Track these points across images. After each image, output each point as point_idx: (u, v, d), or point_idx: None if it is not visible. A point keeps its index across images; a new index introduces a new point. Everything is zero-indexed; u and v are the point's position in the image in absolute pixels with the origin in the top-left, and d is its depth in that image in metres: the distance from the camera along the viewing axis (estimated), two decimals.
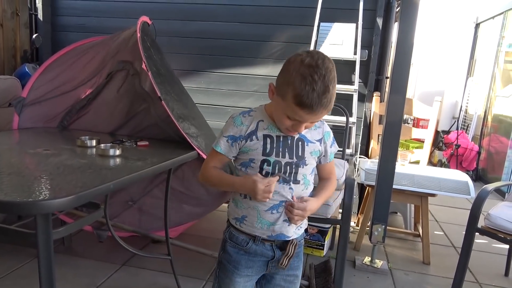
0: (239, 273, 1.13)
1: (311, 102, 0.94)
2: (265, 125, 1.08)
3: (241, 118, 1.08)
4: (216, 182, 1.14)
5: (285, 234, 1.10)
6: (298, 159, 1.08)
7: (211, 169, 1.13)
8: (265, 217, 1.08)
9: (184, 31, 3.19)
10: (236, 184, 1.09)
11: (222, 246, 1.18)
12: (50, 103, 2.27)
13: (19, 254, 2.25)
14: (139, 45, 1.93)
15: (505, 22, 5.13)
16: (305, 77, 0.93)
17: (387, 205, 2.26)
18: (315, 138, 1.12)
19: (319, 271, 2.19)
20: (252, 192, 1.03)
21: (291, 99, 0.96)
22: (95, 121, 2.26)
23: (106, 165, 1.53)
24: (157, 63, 2.12)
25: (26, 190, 1.17)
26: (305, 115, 0.97)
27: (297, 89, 0.94)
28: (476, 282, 2.36)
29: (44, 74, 2.30)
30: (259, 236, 1.10)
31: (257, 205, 1.08)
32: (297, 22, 2.96)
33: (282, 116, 1.01)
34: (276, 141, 1.07)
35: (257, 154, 1.06)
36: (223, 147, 1.10)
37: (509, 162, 4.38)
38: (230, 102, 3.18)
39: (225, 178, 1.12)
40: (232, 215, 1.14)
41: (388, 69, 3.09)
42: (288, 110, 0.99)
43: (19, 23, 3.42)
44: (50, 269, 1.16)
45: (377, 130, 2.99)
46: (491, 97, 5.23)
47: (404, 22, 2.10)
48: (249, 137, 1.07)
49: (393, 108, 2.16)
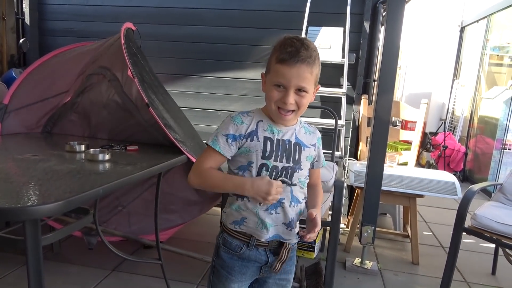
0: (233, 279, 1.13)
1: (290, 54, 0.99)
2: (265, 125, 1.08)
3: (241, 117, 1.08)
4: (217, 183, 1.09)
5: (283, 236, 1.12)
6: (294, 163, 1.08)
7: (210, 170, 1.08)
8: (265, 218, 1.08)
9: (173, 35, 3.19)
10: (247, 184, 1.04)
11: (215, 251, 1.17)
12: (33, 110, 2.25)
13: (7, 262, 2.21)
14: (124, 51, 1.91)
15: (489, 25, 5.24)
16: (283, 42, 1.03)
17: (376, 207, 2.29)
18: (311, 142, 1.13)
19: (310, 273, 2.20)
20: (266, 193, 1.02)
21: (273, 63, 1.03)
22: (78, 127, 2.24)
23: (95, 170, 1.52)
24: (142, 70, 2.12)
25: (15, 196, 1.16)
26: (287, 71, 1.00)
27: (278, 51, 1.02)
28: (464, 281, 2.39)
29: (27, 80, 2.27)
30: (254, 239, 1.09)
31: (256, 207, 1.07)
32: (285, 26, 2.99)
33: (270, 90, 1.04)
34: (276, 144, 1.07)
35: (257, 157, 1.05)
36: (222, 145, 1.06)
37: (494, 163, 4.46)
38: (220, 106, 3.19)
39: (232, 178, 1.08)
40: (229, 220, 1.12)
41: (375, 72, 3.14)
42: (273, 75, 1.03)
43: (6, 28, 3.38)
44: (40, 276, 1.15)
45: (366, 133, 3.03)
46: (477, 99, 5.33)
47: (390, 25, 2.13)
48: (249, 136, 1.06)
49: (381, 110, 2.19)
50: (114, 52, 2.09)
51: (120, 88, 2.08)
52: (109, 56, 2.16)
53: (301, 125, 1.14)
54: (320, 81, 1.14)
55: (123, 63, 1.94)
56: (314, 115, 3.01)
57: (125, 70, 1.97)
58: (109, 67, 2.13)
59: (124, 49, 1.92)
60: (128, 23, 2.17)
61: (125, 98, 2.08)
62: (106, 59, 2.17)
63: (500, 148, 4.39)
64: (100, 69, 2.16)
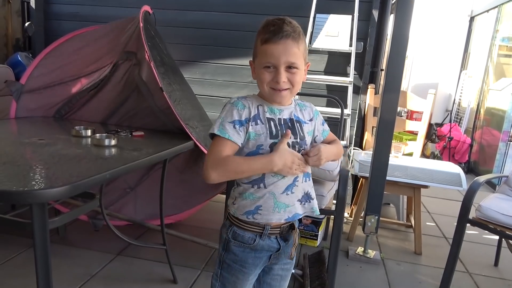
0: (248, 272, 1.12)
1: (274, 32, 0.99)
2: (265, 108, 1.08)
3: (242, 101, 1.06)
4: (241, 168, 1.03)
5: (298, 212, 1.12)
6: (300, 139, 1.09)
7: (228, 157, 1.01)
8: (282, 199, 1.07)
9: (180, 21, 3.16)
10: (274, 157, 1.00)
11: (224, 246, 1.13)
12: (49, 92, 2.25)
13: (14, 244, 2.24)
14: (142, 34, 1.91)
15: (500, 15, 5.15)
16: (265, 23, 1.03)
17: (381, 196, 2.28)
18: (307, 118, 1.14)
19: (313, 261, 2.22)
20: (291, 162, 1.02)
21: (259, 46, 1.03)
22: (93, 111, 2.24)
23: (101, 155, 1.53)
24: (162, 52, 2.12)
25: (22, 179, 1.17)
26: (274, 49, 1.00)
27: (261, 33, 1.02)
28: (467, 272, 2.40)
29: (44, 62, 2.26)
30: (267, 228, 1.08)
31: (273, 190, 1.06)
32: (293, 13, 2.93)
33: (262, 73, 1.03)
34: (279, 123, 1.07)
35: (265, 139, 1.04)
36: (231, 132, 1.02)
37: (500, 154, 4.43)
38: (225, 93, 3.18)
39: (255, 158, 1.03)
40: (241, 211, 1.08)
41: (383, 62, 3.10)
42: (261, 57, 1.03)
43: (11, 11, 3.37)
44: (46, 258, 1.17)
45: (372, 122, 3.01)
46: (484, 90, 5.27)
47: (400, 14, 2.10)
48: (254, 120, 1.05)
49: (388, 100, 2.17)
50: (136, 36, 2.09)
51: (138, 71, 2.07)
52: (133, 41, 2.15)
53: (296, 103, 1.14)
54: (327, 69, 1.13)
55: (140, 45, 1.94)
56: (320, 103, 2.99)
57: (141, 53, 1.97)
58: (135, 51, 2.13)
59: (142, 32, 1.92)
60: (146, 6, 2.17)
61: (140, 81, 2.07)
62: (132, 44, 2.16)
63: (507, 140, 4.36)
64: (127, 54, 2.15)
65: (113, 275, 2.08)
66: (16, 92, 2.16)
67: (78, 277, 2.02)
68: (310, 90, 2.92)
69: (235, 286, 1.14)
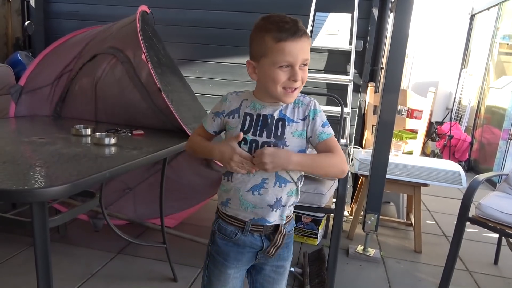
0: (229, 265, 1.13)
1: (291, 30, 0.98)
2: (248, 103, 1.08)
3: (230, 96, 1.12)
4: (196, 148, 1.17)
5: (267, 219, 1.08)
6: (276, 139, 1.04)
7: (195, 136, 1.18)
8: (247, 198, 1.07)
9: (180, 20, 3.16)
10: (214, 149, 1.09)
11: (211, 237, 1.18)
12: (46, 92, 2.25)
13: (15, 243, 2.25)
14: (139, 35, 1.90)
15: (500, 13, 5.14)
16: (273, 21, 1.00)
17: (380, 195, 2.29)
18: (299, 117, 1.06)
19: (313, 259, 2.22)
20: (229, 158, 1.04)
21: (272, 43, 0.99)
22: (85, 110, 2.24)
23: (101, 154, 1.53)
24: (159, 53, 2.11)
25: (22, 178, 1.17)
26: (292, 47, 0.98)
27: (273, 31, 0.99)
28: (466, 270, 2.40)
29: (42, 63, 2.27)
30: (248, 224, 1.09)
31: (238, 186, 1.07)
32: (293, 12, 2.89)
33: (274, 72, 1.00)
34: (256, 119, 1.06)
35: (236, 132, 1.07)
36: (208, 122, 1.15)
37: (500, 153, 4.43)
38: (225, 91, 3.12)
39: (205, 144, 1.15)
40: (219, 199, 1.15)
41: (383, 60, 3.10)
42: (276, 56, 0.99)
43: (11, 10, 3.37)
44: (47, 257, 1.17)
45: (372, 121, 3.01)
46: (485, 88, 5.26)
47: (400, 12, 2.10)
48: (231, 114, 1.09)
49: (388, 99, 2.17)
50: (128, 34, 2.07)
51: (133, 71, 2.07)
52: (121, 37, 2.13)
53: None
54: (327, 68, 1.13)
55: (137, 45, 1.93)
56: (320, 102, 2.97)
57: (137, 53, 1.96)
58: (121, 49, 2.10)
59: (139, 32, 1.91)
60: (143, 6, 2.16)
61: (137, 82, 2.07)
62: (117, 40, 2.14)
63: (507, 138, 4.35)
64: (111, 50, 2.13)
65: (113, 274, 2.08)
66: (15, 93, 2.16)
67: (79, 275, 2.02)
68: (309, 88, 2.92)
69: (218, 279, 1.15)
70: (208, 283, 1.18)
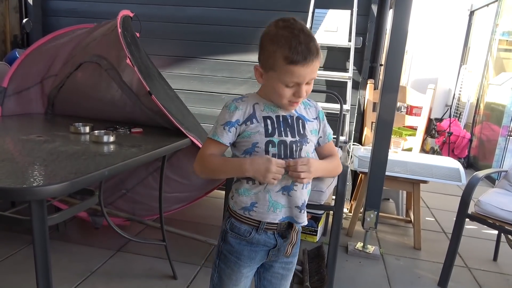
0: (242, 264, 1.12)
1: (303, 54, 0.95)
2: (261, 107, 1.07)
3: (235, 103, 1.06)
4: (217, 167, 1.09)
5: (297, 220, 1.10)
6: (300, 137, 1.07)
7: (210, 156, 1.08)
8: (277, 199, 1.06)
9: (178, 17, 3.15)
10: (245, 164, 1.02)
11: (222, 236, 1.15)
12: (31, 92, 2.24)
13: (14, 241, 2.25)
14: (122, 41, 1.87)
15: (500, 10, 5.13)
16: (286, 37, 0.96)
17: (380, 192, 2.29)
18: (312, 116, 1.12)
19: (312, 256, 2.23)
20: (265, 170, 0.99)
21: (283, 63, 0.97)
22: None
23: (100, 152, 1.52)
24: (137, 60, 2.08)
25: (20, 176, 1.17)
26: (302, 71, 0.97)
27: (285, 50, 0.96)
28: (466, 267, 2.41)
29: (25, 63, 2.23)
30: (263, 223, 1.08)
31: (268, 187, 1.05)
32: (291, 8, 2.94)
33: (281, 88, 1.01)
34: (277, 121, 1.06)
35: (260, 137, 1.04)
36: (219, 133, 1.06)
37: (499, 149, 4.44)
38: (224, 89, 3.17)
39: (231, 161, 1.07)
40: (238, 205, 1.10)
41: (382, 57, 3.09)
42: (284, 76, 0.99)
43: (9, 7, 3.35)
44: (46, 255, 1.17)
45: (371, 118, 3.01)
46: (484, 85, 5.26)
47: (399, 9, 2.09)
48: (248, 120, 1.05)
49: (387, 96, 2.17)
50: (111, 41, 2.04)
51: (119, 78, 2.03)
52: (104, 44, 2.11)
53: None
54: (326, 65, 1.12)
55: (120, 52, 1.90)
56: (319, 99, 2.98)
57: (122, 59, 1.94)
58: (105, 56, 2.07)
59: (121, 38, 1.89)
60: (125, 10, 2.12)
61: (125, 88, 2.04)
62: (101, 48, 2.12)
63: (506, 135, 4.36)
64: (95, 57, 2.10)
65: (113, 271, 2.08)
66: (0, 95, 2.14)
67: (78, 273, 2.02)
68: None
69: (230, 278, 1.14)
70: (218, 283, 1.16)
